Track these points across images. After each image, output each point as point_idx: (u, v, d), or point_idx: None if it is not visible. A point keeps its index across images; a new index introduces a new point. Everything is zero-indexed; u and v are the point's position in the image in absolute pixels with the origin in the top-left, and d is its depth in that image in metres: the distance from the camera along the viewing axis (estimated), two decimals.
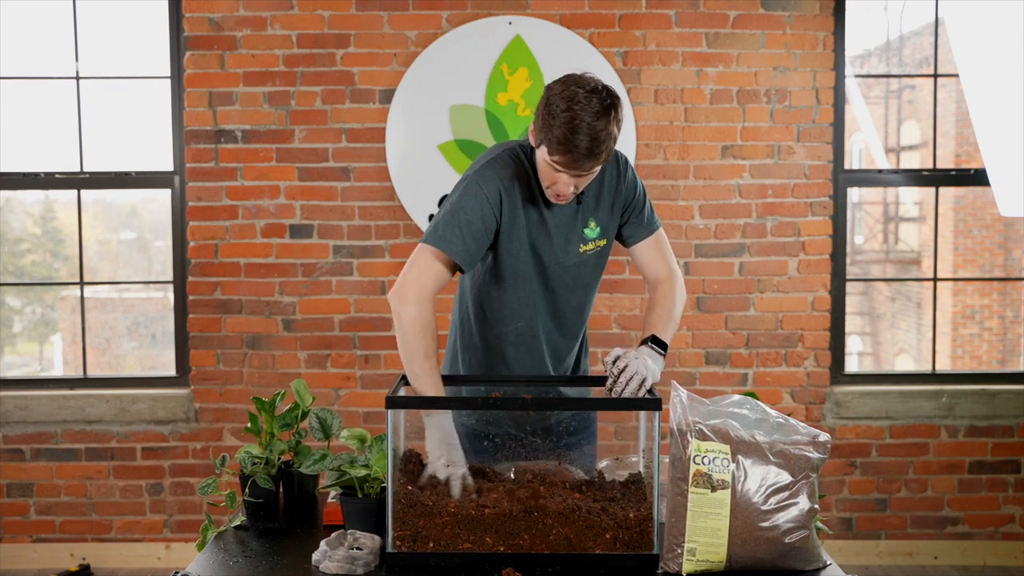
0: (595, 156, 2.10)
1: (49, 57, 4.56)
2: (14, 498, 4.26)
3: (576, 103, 2.06)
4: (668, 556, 1.86)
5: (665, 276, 2.43)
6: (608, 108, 2.08)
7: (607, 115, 2.08)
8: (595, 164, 2.13)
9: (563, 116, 2.06)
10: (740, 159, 4.18)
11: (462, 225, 2.20)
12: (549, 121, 2.09)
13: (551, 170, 2.15)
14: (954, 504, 4.30)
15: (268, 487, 2.21)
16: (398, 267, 4.17)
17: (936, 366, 4.47)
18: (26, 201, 11.55)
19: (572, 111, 2.06)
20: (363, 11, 4.11)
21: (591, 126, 2.06)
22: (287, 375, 4.19)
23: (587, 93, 2.07)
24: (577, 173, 2.14)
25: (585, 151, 2.08)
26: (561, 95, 2.09)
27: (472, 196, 2.21)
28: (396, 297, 2.19)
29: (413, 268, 2.20)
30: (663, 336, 2.29)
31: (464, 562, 1.89)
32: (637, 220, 2.41)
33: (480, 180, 2.23)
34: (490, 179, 2.23)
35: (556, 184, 2.17)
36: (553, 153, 2.10)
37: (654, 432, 1.96)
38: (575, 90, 2.08)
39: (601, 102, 2.07)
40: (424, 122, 4.11)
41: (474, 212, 2.20)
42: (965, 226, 11.65)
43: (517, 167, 2.26)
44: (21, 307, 11.88)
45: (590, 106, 2.06)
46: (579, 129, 2.05)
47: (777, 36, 4.14)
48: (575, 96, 2.07)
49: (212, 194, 4.17)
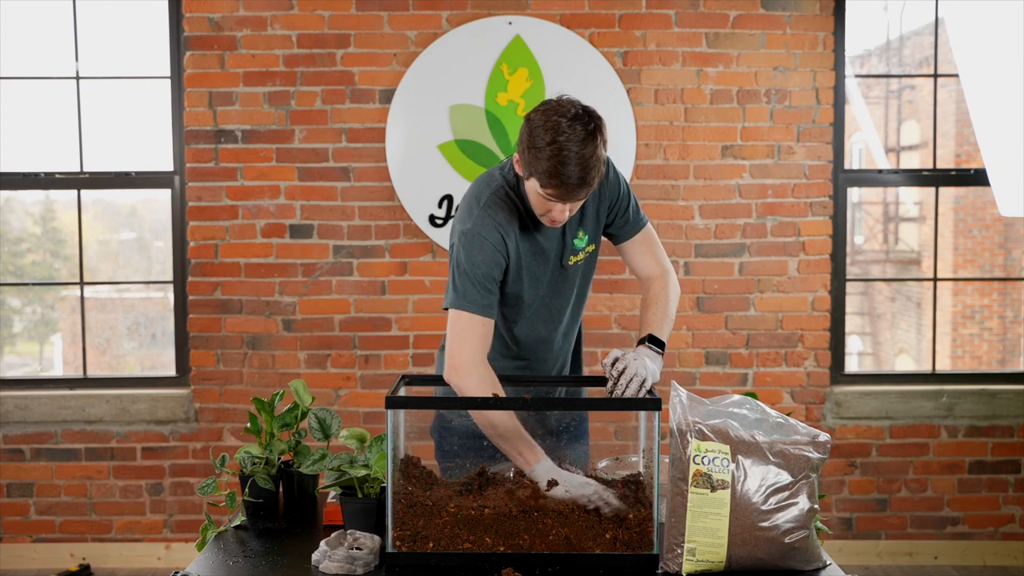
0: (587, 184, 2.08)
1: (49, 57, 4.55)
2: (14, 498, 4.26)
3: (560, 134, 2.03)
4: (668, 556, 1.86)
5: (657, 273, 2.42)
6: (593, 133, 2.06)
7: (593, 140, 2.05)
8: (589, 191, 2.11)
9: (549, 150, 2.04)
10: (740, 159, 4.18)
11: (480, 280, 2.21)
12: (535, 154, 2.07)
13: (543, 201, 2.14)
14: (954, 504, 4.30)
15: (268, 487, 2.21)
16: (398, 267, 4.17)
17: (936, 366, 4.47)
18: (26, 201, 11.54)
19: (557, 143, 2.03)
20: (363, 11, 4.11)
21: (579, 155, 2.03)
22: (287, 375, 4.19)
23: (569, 121, 2.04)
24: (571, 201, 2.13)
25: (577, 181, 2.06)
26: (544, 127, 2.06)
27: (479, 249, 2.21)
28: (453, 375, 2.19)
29: (454, 338, 2.20)
30: (660, 335, 2.29)
31: (464, 562, 1.89)
32: (623, 219, 2.40)
33: (482, 231, 2.22)
34: (490, 227, 2.22)
35: (551, 212, 2.17)
36: (545, 187, 2.09)
37: (654, 432, 1.96)
38: (557, 120, 2.05)
39: (585, 127, 2.05)
40: (424, 122, 4.11)
41: (486, 265, 2.21)
42: (965, 226, 11.65)
43: (508, 205, 2.25)
44: (21, 307, 11.87)
45: (575, 135, 2.03)
46: (567, 160, 2.03)
47: (777, 36, 4.14)
48: (558, 127, 2.04)
49: (212, 194, 4.17)
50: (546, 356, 2.45)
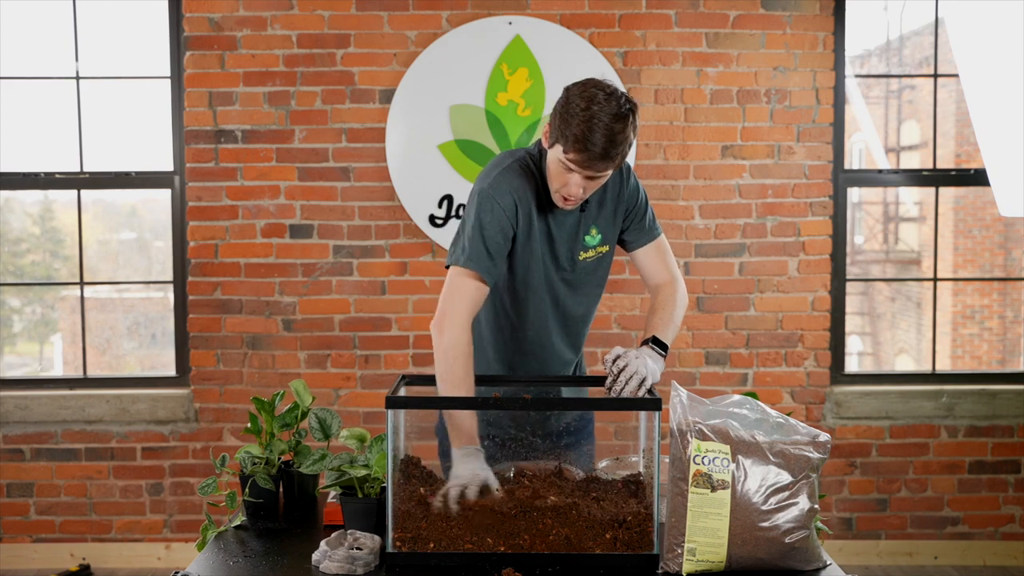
0: (610, 158, 2.12)
1: (49, 57, 4.55)
2: (14, 498, 4.26)
3: (596, 103, 2.09)
4: (668, 556, 1.86)
5: (666, 281, 2.45)
6: (626, 113, 2.11)
7: (625, 119, 2.10)
8: (608, 166, 2.14)
9: (582, 115, 2.09)
10: (740, 159, 4.18)
11: (486, 240, 2.23)
12: (567, 119, 2.11)
13: (563, 169, 2.16)
14: (954, 504, 4.30)
15: (268, 487, 2.21)
16: (398, 267, 4.17)
17: (936, 366, 4.47)
18: (26, 201, 11.54)
19: (591, 111, 2.09)
20: (363, 11, 4.11)
21: (609, 127, 2.08)
22: (287, 375, 4.19)
23: (607, 96, 2.11)
24: (590, 174, 2.15)
25: (601, 151, 2.10)
26: (581, 95, 2.12)
27: (489, 210, 2.24)
28: (435, 328, 2.22)
29: (445, 293, 2.24)
30: (664, 338, 2.31)
31: (464, 562, 1.89)
32: (639, 226, 2.43)
33: (495, 193, 2.25)
34: (504, 191, 2.25)
35: (567, 185, 2.18)
36: (569, 151, 2.12)
37: (654, 432, 1.96)
38: (595, 92, 2.11)
39: (620, 106, 2.11)
40: (424, 122, 4.11)
41: (493, 227, 2.23)
42: (965, 226, 11.65)
43: (527, 176, 2.28)
44: (21, 307, 11.87)
45: (609, 107, 2.09)
46: (596, 128, 2.08)
47: (777, 36, 4.14)
48: (595, 97, 2.10)
49: (212, 194, 4.17)
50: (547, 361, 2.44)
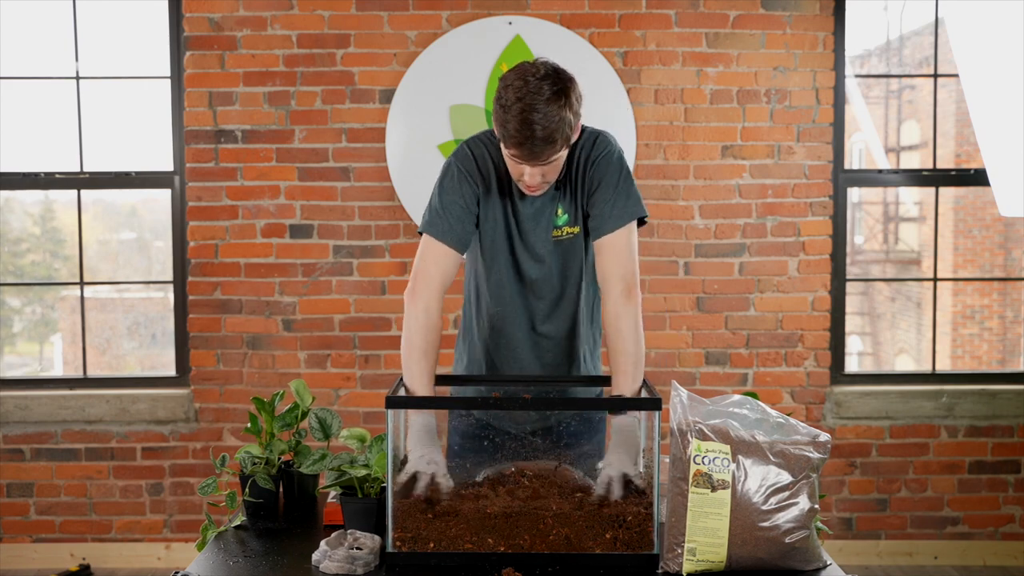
0: (551, 144, 2.05)
1: (49, 57, 4.55)
2: (14, 498, 4.26)
3: (526, 92, 2.02)
4: (668, 556, 1.86)
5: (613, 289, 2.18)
6: (559, 93, 2.04)
7: (558, 100, 2.03)
8: (553, 152, 2.07)
9: (514, 108, 2.03)
10: (740, 159, 4.18)
11: (446, 205, 2.21)
12: (503, 115, 2.06)
13: (514, 163, 2.13)
14: (954, 504, 4.30)
15: (268, 487, 2.21)
16: (398, 267, 4.17)
17: (936, 366, 4.47)
18: (26, 201, 11.54)
19: (522, 102, 2.02)
20: (363, 11, 4.11)
21: (543, 114, 2.01)
22: (287, 375, 4.19)
23: (537, 81, 2.04)
24: (538, 163, 2.09)
25: (540, 140, 2.03)
26: (512, 86, 2.05)
27: (450, 176, 2.24)
28: (407, 295, 2.22)
29: (416, 261, 2.24)
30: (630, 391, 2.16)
31: (464, 562, 1.89)
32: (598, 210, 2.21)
33: (456, 159, 2.25)
34: (465, 156, 2.25)
35: (523, 177, 2.14)
36: (510, 146, 2.08)
37: (654, 432, 1.96)
38: (526, 79, 2.05)
39: (552, 87, 2.03)
40: (424, 122, 4.11)
41: (454, 191, 2.22)
42: (965, 226, 11.65)
43: (493, 149, 2.26)
44: (21, 307, 11.88)
45: (540, 95, 2.02)
46: (531, 119, 2.01)
47: (777, 36, 4.14)
48: (524, 86, 2.03)
49: (212, 194, 4.17)
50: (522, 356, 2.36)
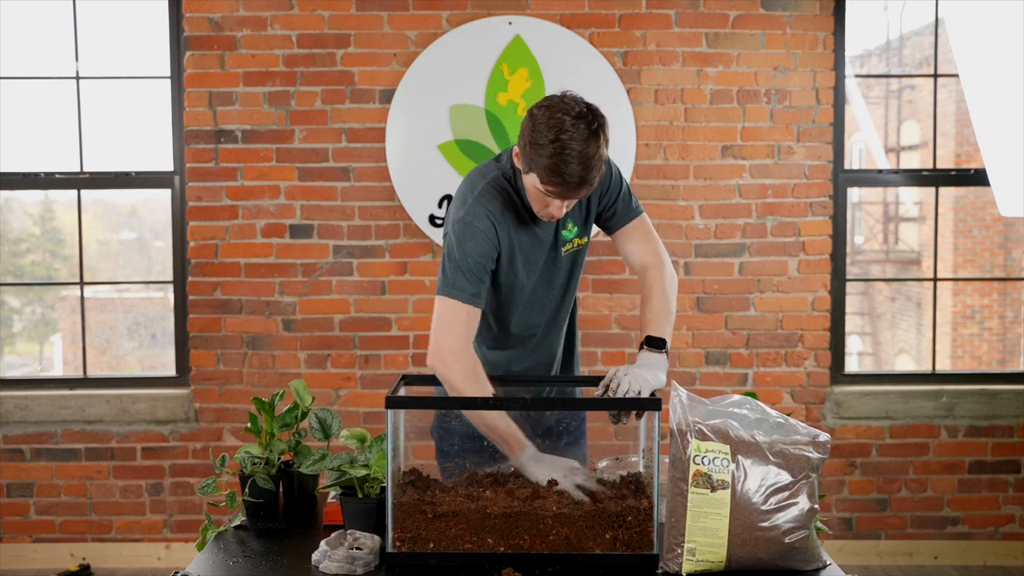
0: (588, 183, 2.09)
1: (49, 57, 4.55)
2: (14, 498, 4.26)
3: (564, 132, 2.04)
4: (668, 556, 1.86)
5: (652, 262, 2.38)
6: (596, 132, 2.06)
7: (596, 139, 2.06)
8: (589, 189, 2.12)
9: (552, 147, 2.04)
10: (740, 159, 4.18)
11: (470, 269, 2.21)
12: (538, 151, 2.07)
13: (542, 196, 2.15)
14: (954, 504, 4.30)
15: (268, 487, 2.21)
16: (398, 267, 4.17)
17: (936, 366, 4.47)
18: (26, 201, 11.54)
19: (560, 141, 2.04)
20: (363, 11, 4.11)
21: (582, 154, 2.04)
22: (287, 375, 4.19)
23: (573, 120, 2.05)
24: (571, 198, 2.14)
25: (578, 180, 2.07)
26: (547, 124, 2.06)
27: (470, 238, 2.21)
28: (437, 361, 2.20)
29: (440, 325, 2.21)
30: (660, 332, 2.26)
31: (464, 562, 1.89)
32: (614, 208, 2.38)
33: (474, 219, 2.22)
34: (482, 216, 2.22)
35: (549, 208, 2.18)
36: (545, 183, 2.09)
37: (654, 432, 1.97)
38: (561, 118, 2.05)
39: (588, 127, 2.06)
40: (424, 122, 4.11)
41: (475, 253, 2.21)
42: (965, 226, 11.65)
43: (504, 197, 2.26)
44: (21, 307, 11.88)
45: (578, 133, 2.04)
46: (569, 159, 2.04)
47: (777, 36, 4.14)
48: (562, 124, 2.04)
49: (212, 194, 4.17)
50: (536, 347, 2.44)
